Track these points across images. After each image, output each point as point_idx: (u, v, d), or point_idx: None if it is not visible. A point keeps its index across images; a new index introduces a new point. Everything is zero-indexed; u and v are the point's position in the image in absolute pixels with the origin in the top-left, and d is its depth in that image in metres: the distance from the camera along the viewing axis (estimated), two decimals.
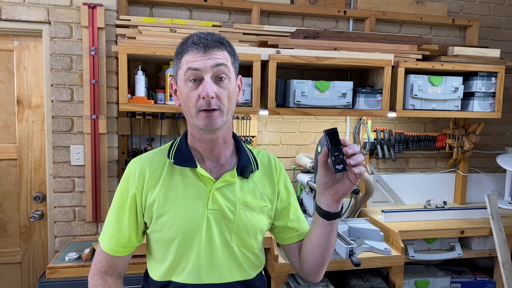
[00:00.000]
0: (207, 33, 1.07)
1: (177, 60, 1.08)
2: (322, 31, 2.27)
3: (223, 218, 1.09)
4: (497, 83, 2.36)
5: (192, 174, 1.10)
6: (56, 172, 2.11)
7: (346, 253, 1.81)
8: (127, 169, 1.14)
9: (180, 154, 1.11)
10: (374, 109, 2.22)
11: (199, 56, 1.03)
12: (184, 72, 1.04)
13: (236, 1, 2.31)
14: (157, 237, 1.10)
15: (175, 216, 1.07)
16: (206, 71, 1.02)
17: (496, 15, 2.80)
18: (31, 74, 2.14)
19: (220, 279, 1.09)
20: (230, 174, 1.11)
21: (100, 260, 1.13)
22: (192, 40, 1.04)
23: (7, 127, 2.16)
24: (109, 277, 1.12)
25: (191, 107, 1.04)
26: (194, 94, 1.03)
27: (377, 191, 2.67)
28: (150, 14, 2.29)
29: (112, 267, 1.13)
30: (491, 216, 2.30)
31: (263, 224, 1.15)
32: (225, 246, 1.10)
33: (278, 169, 1.22)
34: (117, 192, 1.14)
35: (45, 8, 2.03)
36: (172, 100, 2.02)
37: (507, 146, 2.86)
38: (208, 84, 1.02)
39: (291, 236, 1.23)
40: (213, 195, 1.09)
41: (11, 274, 2.23)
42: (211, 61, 1.02)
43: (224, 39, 1.08)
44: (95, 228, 2.17)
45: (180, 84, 1.07)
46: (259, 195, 1.15)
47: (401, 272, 2.06)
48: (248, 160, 1.16)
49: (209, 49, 1.03)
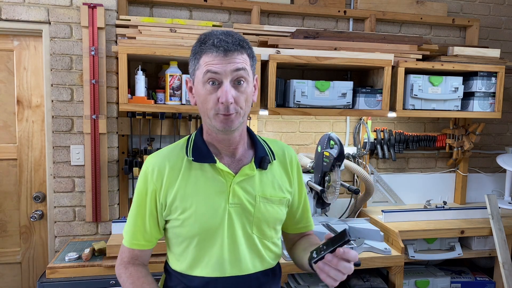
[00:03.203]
0: (227, 33, 1.05)
1: (195, 60, 1.07)
2: (322, 31, 2.27)
3: (244, 212, 1.11)
4: (497, 83, 2.36)
5: (211, 169, 1.11)
6: (56, 172, 2.11)
7: None
8: (144, 166, 1.15)
9: (198, 151, 1.12)
10: (374, 109, 2.22)
11: (219, 59, 1.02)
12: (203, 74, 1.03)
13: (236, 1, 2.31)
14: (178, 232, 1.12)
15: (197, 213, 1.09)
16: (225, 75, 1.02)
17: (496, 15, 2.80)
18: (31, 74, 2.14)
19: (243, 271, 1.12)
20: (248, 167, 1.13)
21: (123, 252, 1.18)
22: (212, 42, 1.02)
23: (7, 127, 2.16)
24: (131, 266, 1.16)
25: (208, 109, 1.05)
26: (213, 97, 1.03)
27: (377, 191, 2.66)
28: (150, 14, 2.28)
29: (134, 258, 1.17)
30: (491, 216, 2.30)
31: (281, 214, 1.19)
32: (246, 239, 1.12)
33: (293, 162, 1.24)
34: (136, 189, 1.16)
35: (45, 8, 2.03)
36: (172, 100, 2.02)
37: (507, 146, 2.86)
38: (228, 89, 1.02)
39: (295, 227, 1.30)
40: (233, 189, 1.11)
41: (11, 274, 2.23)
42: (231, 66, 1.02)
43: (244, 41, 1.07)
44: (95, 228, 2.17)
45: (198, 84, 1.06)
46: (278, 186, 1.17)
47: (401, 272, 2.06)
48: (264, 152, 1.17)
49: (229, 52, 1.02)
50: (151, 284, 1.13)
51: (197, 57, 1.06)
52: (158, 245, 1.21)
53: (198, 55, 1.05)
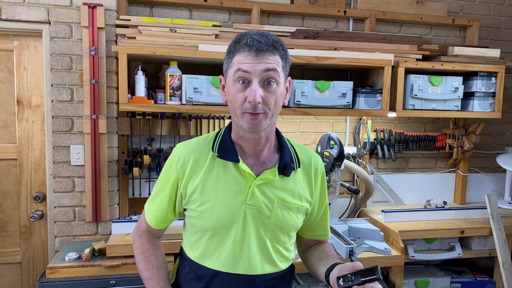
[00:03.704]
0: (262, 33, 1.06)
1: (228, 59, 1.09)
2: (322, 31, 2.27)
3: (260, 214, 1.13)
4: (497, 83, 2.36)
5: (234, 168, 1.13)
6: (56, 172, 2.11)
7: (346, 253, 1.82)
8: (171, 154, 1.19)
9: (224, 148, 1.14)
10: (374, 109, 2.22)
11: (250, 58, 1.03)
12: (234, 72, 1.05)
13: (236, 1, 2.31)
14: (193, 223, 1.16)
15: (214, 208, 1.11)
16: (255, 75, 1.03)
17: (496, 15, 2.80)
18: (31, 74, 2.14)
19: (252, 271, 1.13)
20: (271, 172, 1.13)
21: (141, 222, 1.27)
22: (246, 41, 1.04)
23: (7, 127, 2.16)
24: (144, 235, 1.26)
25: (236, 107, 1.06)
26: (241, 96, 1.05)
27: (377, 191, 2.66)
28: (150, 14, 2.29)
29: (149, 230, 1.26)
30: (491, 216, 2.30)
31: (298, 222, 1.19)
32: (258, 240, 1.14)
33: (318, 172, 1.24)
34: (161, 174, 1.22)
35: (45, 8, 2.03)
36: (172, 100, 2.02)
37: (507, 146, 2.86)
38: (256, 89, 1.03)
39: (311, 234, 1.31)
40: (252, 191, 1.12)
41: (11, 274, 2.23)
42: (262, 65, 1.03)
43: (278, 42, 1.07)
44: (95, 228, 2.17)
45: (229, 82, 1.08)
46: (298, 195, 1.18)
47: (401, 272, 2.06)
48: (290, 158, 1.17)
49: (261, 52, 1.03)
50: (158, 258, 1.23)
51: (231, 56, 1.08)
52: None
53: (232, 54, 1.07)
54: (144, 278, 1.22)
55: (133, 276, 1.84)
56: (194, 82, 2.00)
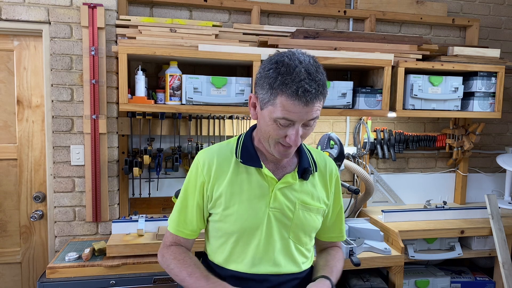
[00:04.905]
0: (311, 76, 0.99)
1: (270, 92, 1.02)
2: (322, 31, 2.27)
3: (283, 217, 1.17)
4: (497, 83, 2.36)
5: (256, 172, 1.17)
6: (56, 172, 2.11)
7: (346, 253, 1.82)
8: (195, 160, 1.21)
9: (247, 153, 1.17)
10: (374, 109, 2.22)
11: (299, 108, 1.00)
12: (277, 115, 1.01)
13: (236, 1, 2.31)
14: (218, 227, 1.19)
15: (239, 212, 1.14)
16: (300, 121, 1.03)
17: (496, 15, 2.80)
18: (31, 74, 2.14)
19: (276, 271, 1.18)
20: (291, 176, 1.18)
21: (166, 238, 1.25)
22: (296, 90, 0.97)
23: (7, 127, 2.16)
24: (172, 246, 1.23)
25: (271, 137, 1.07)
26: (281, 133, 1.05)
27: (377, 191, 2.67)
28: (150, 14, 2.29)
29: (177, 242, 1.24)
30: (491, 216, 2.30)
31: (318, 223, 1.24)
32: (282, 242, 1.18)
33: (333, 175, 1.28)
34: (186, 181, 1.22)
35: (45, 8, 2.03)
36: (172, 100, 2.02)
37: (507, 146, 2.86)
38: (298, 132, 1.04)
39: (326, 236, 1.35)
40: (275, 194, 1.16)
41: (11, 274, 2.23)
42: (309, 115, 1.02)
43: (325, 84, 1.03)
44: (95, 228, 2.17)
45: (267, 114, 1.04)
46: (316, 197, 1.23)
47: (401, 272, 2.06)
48: (308, 163, 1.21)
49: (310, 103, 1.00)
50: (193, 259, 1.19)
51: (274, 92, 1.01)
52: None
53: (275, 91, 1.00)
54: (183, 277, 1.14)
55: (133, 276, 1.84)
56: (194, 82, 2.00)
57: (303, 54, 1.05)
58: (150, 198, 2.32)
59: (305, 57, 1.04)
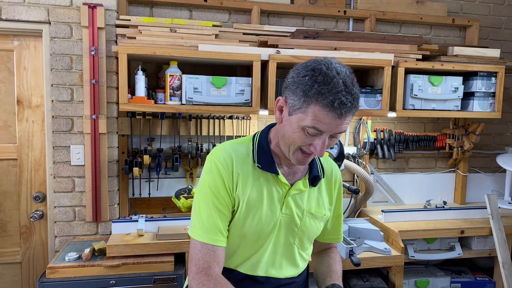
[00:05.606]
0: (348, 89, 0.96)
1: (305, 101, 0.98)
2: (322, 31, 2.27)
3: (291, 223, 1.17)
4: (497, 83, 2.36)
5: (272, 178, 1.15)
6: (56, 172, 2.11)
7: (346, 253, 1.82)
8: (212, 159, 1.12)
9: (264, 158, 1.14)
10: (374, 109, 2.22)
11: (331, 119, 0.97)
12: (307, 123, 0.98)
13: (236, 1, 2.31)
14: (235, 230, 1.14)
15: (255, 216, 1.13)
16: (328, 133, 1.00)
17: (496, 15, 2.80)
18: (31, 74, 2.14)
19: (279, 274, 1.19)
20: (302, 183, 1.18)
21: (200, 258, 1.07)
22: (332, 102, 0.94)
23: (7, 127, 2.16)
24: (212, 271, 1.05)
25: (294, 143, 1.04)
26: (306, 140, 1.02)
27: (377, 191, 2.67)
28: (150, 14, 2.29)
29: (214, 261, 1.07)
30: (491, 216, 2.30)
31: (321, 229, 1.26)
32: (287, 247, 1.19)
33: (337, 181, 1.29)
34: (205, 183, 1.11)
35: (45, 8, 2.03)
36: (172, 100, 2.02)
37: (507, 146, 2.86)
38: (323, 143, 1.01)
39: (324, 237, 1.35)
40: (287, 201, 1.16)
41: (11, 274, 2.23)
42: (338, 128, 0.99)
43: (359, 98, 1.01)
44: (95, 228, 2.17)
45: (296, 121, 1.01)
46: (321, 203, 1.23)
47: (401, 272, 2.06)
48: (317, 170, 1.21)
49: (343, 116, 0.97)
50: None
51: (307, 100, 0.97)
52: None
53: (309, 99, 0.97)
54: None
55: (133, 276, 1.84)
56: (194, 82, 2.00)
57: (340, 64, 1.01)
58: (150, 198, 2.32)
59: (342, 68, 0.99)
